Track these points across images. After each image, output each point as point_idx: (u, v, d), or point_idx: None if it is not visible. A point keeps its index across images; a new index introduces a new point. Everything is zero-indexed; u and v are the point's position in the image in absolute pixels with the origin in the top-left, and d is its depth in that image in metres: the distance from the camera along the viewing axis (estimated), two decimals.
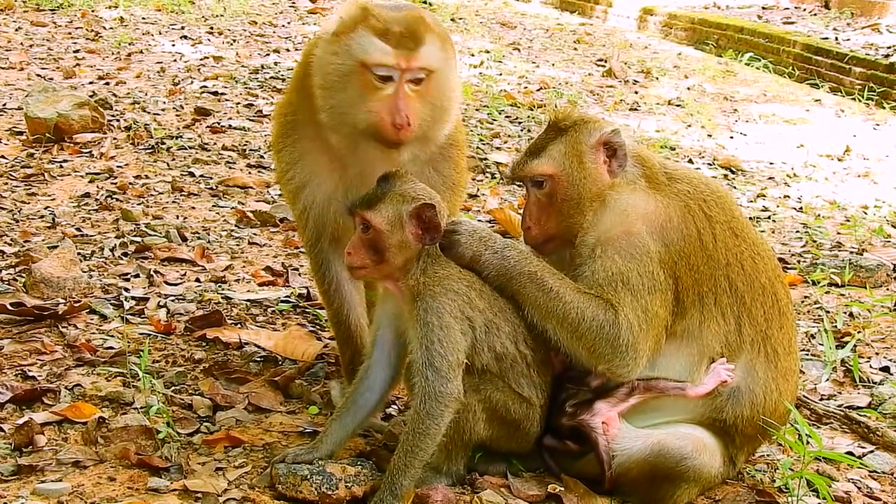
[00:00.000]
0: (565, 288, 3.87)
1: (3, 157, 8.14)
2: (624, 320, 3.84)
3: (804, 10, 19.28)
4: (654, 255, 3.91)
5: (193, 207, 7.31)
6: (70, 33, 14.21)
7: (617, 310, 3.85)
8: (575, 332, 3.88)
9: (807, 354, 5.52)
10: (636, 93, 13.45)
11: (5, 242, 6.28)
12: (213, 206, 7.38)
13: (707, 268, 4.00)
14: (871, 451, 4.63)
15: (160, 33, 14.82)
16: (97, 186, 7.55)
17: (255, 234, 6.86)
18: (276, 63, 13.08)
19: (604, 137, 4.07)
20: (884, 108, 13.02)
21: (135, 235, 6.52)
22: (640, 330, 3.86)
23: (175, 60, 12.87)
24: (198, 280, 5.95)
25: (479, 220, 7.26)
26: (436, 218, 3.83)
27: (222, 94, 11.09)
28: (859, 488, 4.32)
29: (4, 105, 9.80)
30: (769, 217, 8.21)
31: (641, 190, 4.06)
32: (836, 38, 15.91)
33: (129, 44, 13.66)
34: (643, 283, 3.88)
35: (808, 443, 4.11)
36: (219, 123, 9.75)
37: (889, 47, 14.71)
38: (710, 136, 11.17)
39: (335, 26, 4.13)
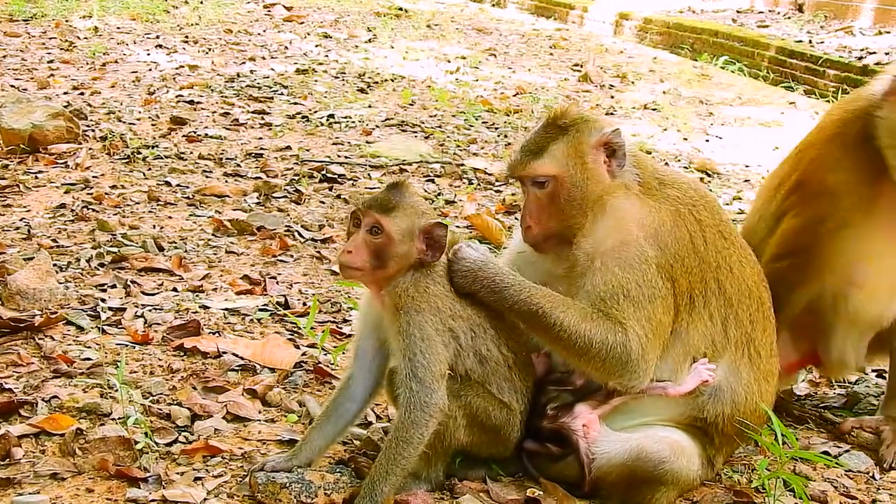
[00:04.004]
0: (568, 316, 3.84)
1: None
2: (633, 335, 3.83)
3: (778, 13, 19.41)
4: (652, 260, 3.91)
5: (170, 217, 7.29)
6: (44, 43, 14.16)
7: (625, 326, 3.83)
8: (584, 357, 3.88)
9: None
10: (612, 97, 13.51)
11: None
12: (190, 215, 7.36)
13: (699, 270, 4.01)
14: (847, 451, 4.68)
15: (135, 42, 14.79)
16: (73, 197, 7.52)
17: (232, 242, 6.85)
18: (251, 71, 13.07)
19: (605, 138, 4.01)
20: None
21: (111, 246, 6.49)
22: (648, 340, 3.86)
23: (150, 70, 12.85)
24: (175, 290, 5.94)
25: (456, 227, 7.28)
26: (444, 238, 3.84)
27: (198, 102, 11.08)
28: (835, 487, 4.36)
29: None
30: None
31: (635, 195, 4.04)
32: (811, 41, 16.02)
33: (104, 53, 13.63)
34: (644, 293, 3.88)
35: (784, 443, 4.13)
36: (195, 132, 9.73)
37: (862, 49, 14.83)
38: (685, 139, 11.23)
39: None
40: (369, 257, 3.76)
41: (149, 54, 13.90)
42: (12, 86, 11.28)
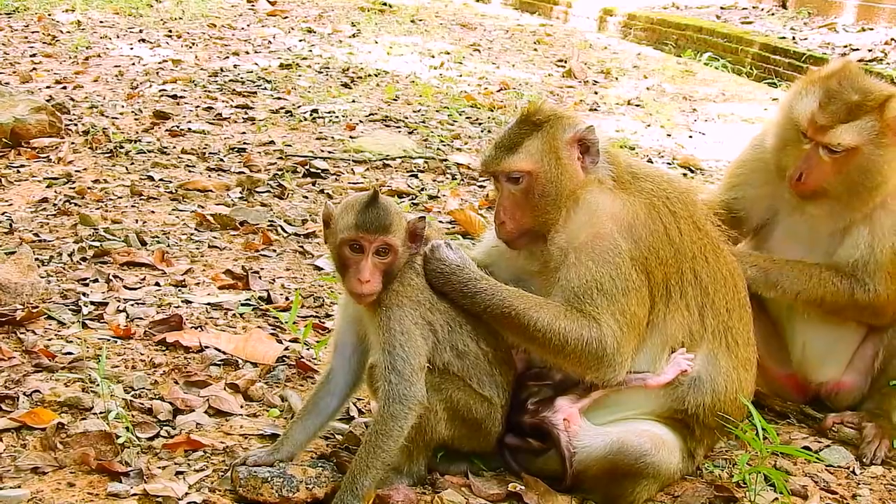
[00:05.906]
0: (542, 315, 3.86)
1: None
2: (607, 329, 3.86)
3: (762, 9, 19.44)
4: (626, 254, 3.92)
5: (153, 211, 7.27)
6: (26, 37, 14.09)
7: (599, 321, 3.86)
8: (560, 354, 3.91)
9: None
10: (596, 93, 13.52)
11: None
12: (173, 209, 7.34)
13: (675, 261, 4.03)
14: (828, 446, 4.70)
15: (118, 37, 14.74)
16: (55, 191, 7.49)
17: (215, 237, 6.84)
18: (235, 66, 13.03)
19: (579, 134, 4.04)
20: None
21: (93, 240, 6.47)
22: (623, 333, 3.89)
23: (133, 64, 12.80)
24: (157, 284, 5.92)
25: (439, 222, 7.28)
26: (424, 230, 3.89)
27: (181, 97, 11.04)
28: (816, 482, 4.38)
29: None
30: None
31: (609, 190, 4.06)
32: (794, 38, 16.07)
33: (87, 47, 13.58)
34: (618, 285, 3.90)
35: (765, 438, 4.15)
36: (178, 127, 9.70)
37: (845, 46, 14.87)
38: (669, 135, 11.25)
39: None
40: (381, 277, 3.78)
41: (132, 48, 13.85)
42: None
